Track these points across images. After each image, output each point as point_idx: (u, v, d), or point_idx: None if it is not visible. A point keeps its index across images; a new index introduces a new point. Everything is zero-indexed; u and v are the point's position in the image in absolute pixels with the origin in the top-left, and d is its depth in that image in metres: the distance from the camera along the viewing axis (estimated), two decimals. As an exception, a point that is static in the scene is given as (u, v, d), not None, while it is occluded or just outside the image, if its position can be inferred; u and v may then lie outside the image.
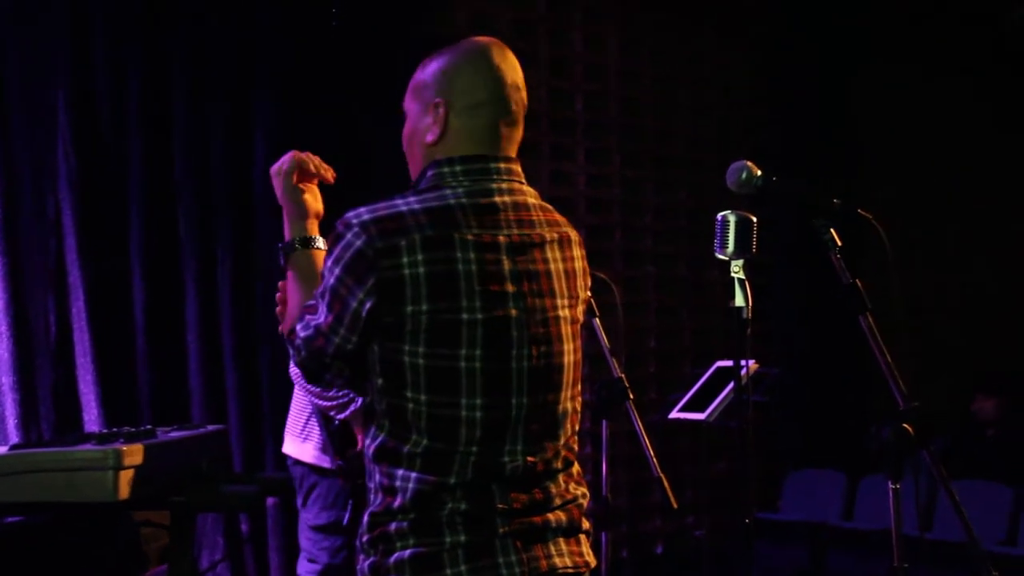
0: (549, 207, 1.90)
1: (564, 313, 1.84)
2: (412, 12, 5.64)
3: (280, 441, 4.14)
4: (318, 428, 3.89)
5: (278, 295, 2.02)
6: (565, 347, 1.83)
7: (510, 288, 1.76)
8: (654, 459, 3.16)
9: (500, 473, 1.75)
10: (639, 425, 3.20)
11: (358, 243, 1.72)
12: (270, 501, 4.86)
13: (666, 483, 3.13)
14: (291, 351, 1.87)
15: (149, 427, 2.76)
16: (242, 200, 5.03)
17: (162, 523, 2.80)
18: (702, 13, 6.99)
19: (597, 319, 3.32)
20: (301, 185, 2.01)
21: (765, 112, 7.41)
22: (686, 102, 7.07)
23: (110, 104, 4.70)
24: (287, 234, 1.99)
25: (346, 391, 3.71)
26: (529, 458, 1.77)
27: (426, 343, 1.70)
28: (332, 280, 1.75)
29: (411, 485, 1.72)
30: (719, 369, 4.81)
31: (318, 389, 3.75)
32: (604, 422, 3.39)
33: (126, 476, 2.42)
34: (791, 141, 7.30)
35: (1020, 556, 5.32)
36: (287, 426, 4.07)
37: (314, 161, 2.02)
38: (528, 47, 6.16)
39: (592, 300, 3.14)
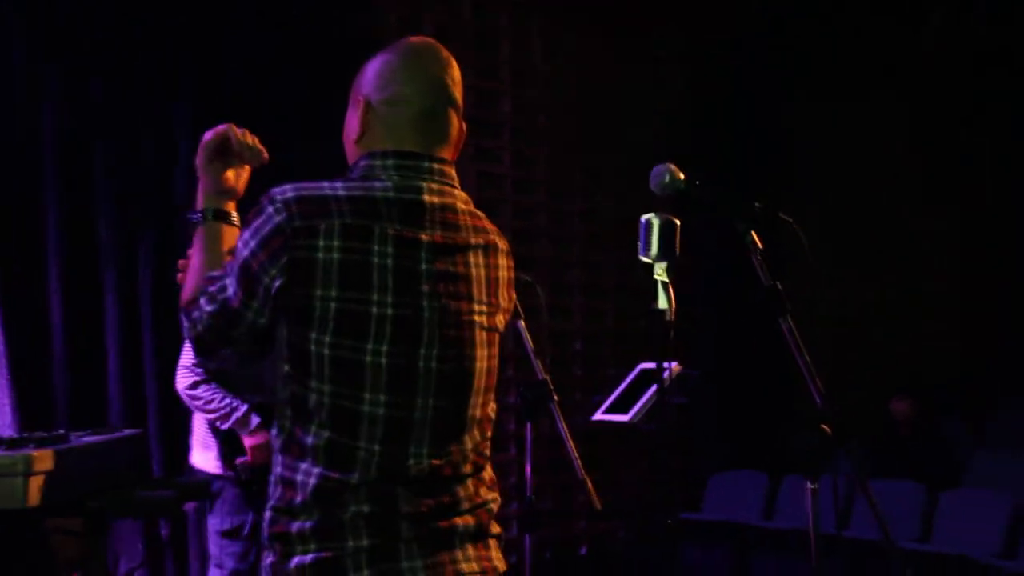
0: (480, 214, 1.88)
1: (480, 319, 1.82)
2: (342, 15, 5.60)
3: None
4: (215, 437, 3.93)
5: (180, 262, 1.96)
6: (478, 352, 1.81)
7: (424, 287, 1.74)
8: (578, 461, 3.17)
9: (405, 475, 1.72)
10: (563, 427, 3.20)
11: (277, 219, 1.69)
12: (189, 506, 4.78)
13: (590, 485, 3.13)
14: (185, 322, 1.82)
15: (62, 432, 2.70)
16: (164, 203, 4.94)
17: (76, 530, 2.74)
18: (629, 20, 7.05)
19: (522, 321, 3.30)
20: (228, 163, 1.94)
21: (693, 119, 7.49)
22: (613, 108, 7.11)
23: (27, 102, 4.59)
24: (199, 204, 1.93)
25: (228, 401, 3.78)
26: (434, 461, 1.74)
27: (333, 332, 1.67)
28: (246, 253, 1.71)
29: (312, 480, 1.68)
30: (643, 371, 4.84)
31: (202, 402, 3.86)
32: (528, 424, 3.38)
33: (36, 482, 2.36)
34: (720, 147, 7.39)
35: (933, 552, 5.44)
36: (192, 437, 4.06)
37: (245, 141, 1.94)
38: (455, 50, 6.14)
39: (517, 302, 3.13)
